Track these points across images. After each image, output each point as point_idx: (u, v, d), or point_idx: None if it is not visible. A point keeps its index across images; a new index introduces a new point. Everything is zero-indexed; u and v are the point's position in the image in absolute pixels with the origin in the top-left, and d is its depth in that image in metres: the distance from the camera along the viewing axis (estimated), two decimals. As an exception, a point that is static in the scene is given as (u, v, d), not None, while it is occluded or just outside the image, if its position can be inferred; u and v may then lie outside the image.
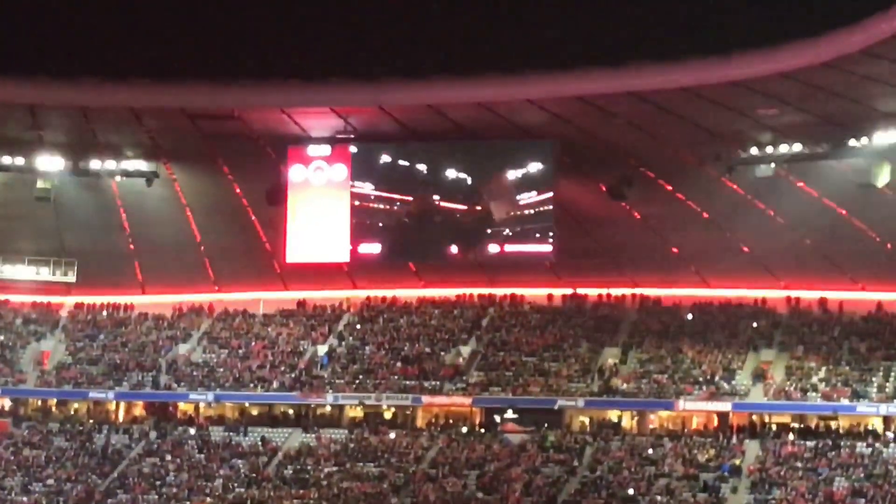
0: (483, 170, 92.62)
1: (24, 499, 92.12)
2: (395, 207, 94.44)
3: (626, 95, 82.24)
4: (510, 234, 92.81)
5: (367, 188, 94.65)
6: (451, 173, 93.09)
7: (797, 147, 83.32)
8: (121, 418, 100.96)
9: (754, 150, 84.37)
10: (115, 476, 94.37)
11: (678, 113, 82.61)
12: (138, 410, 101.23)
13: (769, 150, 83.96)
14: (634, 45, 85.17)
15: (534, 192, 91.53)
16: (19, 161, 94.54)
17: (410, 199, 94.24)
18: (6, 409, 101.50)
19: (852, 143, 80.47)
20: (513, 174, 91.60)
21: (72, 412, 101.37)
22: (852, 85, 76.07)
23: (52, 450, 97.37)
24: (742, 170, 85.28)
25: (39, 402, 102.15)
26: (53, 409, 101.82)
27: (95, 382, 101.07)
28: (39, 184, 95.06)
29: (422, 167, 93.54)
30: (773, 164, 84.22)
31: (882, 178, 79.95)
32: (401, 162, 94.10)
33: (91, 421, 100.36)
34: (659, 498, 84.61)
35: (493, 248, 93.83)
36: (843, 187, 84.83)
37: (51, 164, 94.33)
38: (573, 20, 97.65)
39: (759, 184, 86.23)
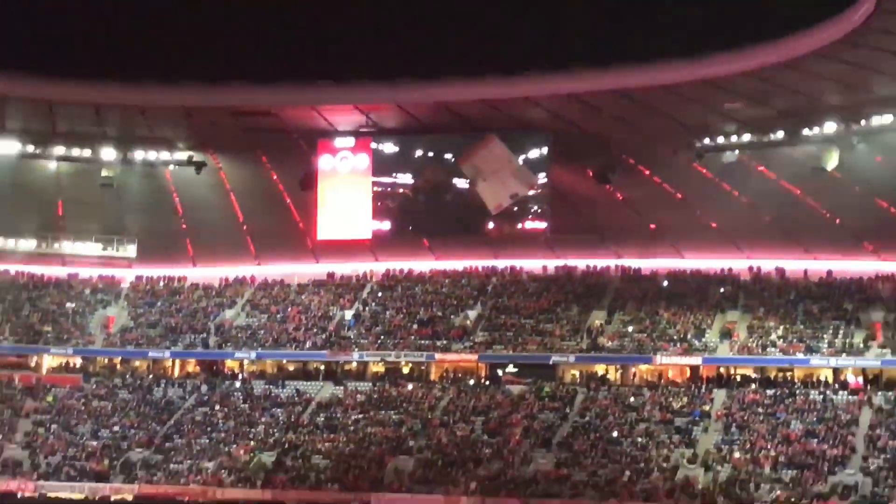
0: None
1: (94, 443, 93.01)
2: (408, 191, 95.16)
3: (610, 93, 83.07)
4: (512, 213, 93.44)
5: (384, 174, 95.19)
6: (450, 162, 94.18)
7: (758, 136, 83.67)
8: (176, 374, 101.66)
9: (721, 139, 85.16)
10: (171, 423, 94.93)
11: (655, 107, 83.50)
12: (191, 367, 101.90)
13: (734, 138, 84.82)
14: (619, 48, 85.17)
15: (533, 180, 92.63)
16: (86, 153, 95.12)
17: (421, 183, 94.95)
18: (77, 366, 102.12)
19: (805, 132, 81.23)
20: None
21: (133, 369, 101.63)
22: (806, 82, 76.70)
23: (117, 401, 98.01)
24: (710, 156, 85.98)
25: (106, 361, 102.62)
26: (118, 366, 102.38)
27: (154, 343, 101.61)
28: (103, 172, 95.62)
29: (431, 154, 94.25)
30: (737, 151, 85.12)
31: (831, 163, 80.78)
32: (415, 152, 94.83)
33: (150, 376, 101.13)
34: (640, 440, 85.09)
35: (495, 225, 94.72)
36: (798, 170, 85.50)
37: (112, 155, 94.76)
38: (565, 26, 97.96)
39: (725, 168, 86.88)
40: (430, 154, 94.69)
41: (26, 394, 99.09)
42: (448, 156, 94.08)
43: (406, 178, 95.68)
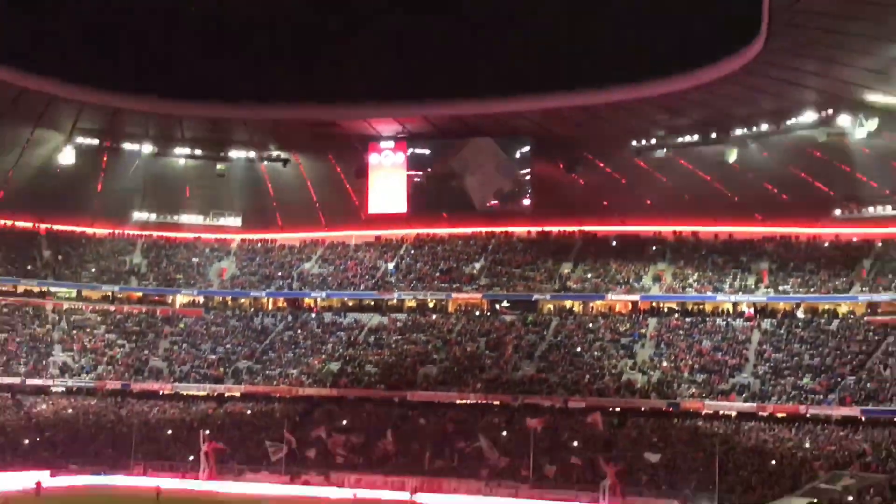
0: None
1: (212, 356, 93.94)
2: (431, 179, 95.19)
3: (575, 108, 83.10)
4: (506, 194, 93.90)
5: (414, 167, 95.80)
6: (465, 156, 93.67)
7: (681, 138, 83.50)
8: (269, 308, 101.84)
9: (654, 141, 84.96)
10: (266, 343, 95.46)
11: (607, 118, 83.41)
12: (280, 303, 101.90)
13: (663, 140, 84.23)
14: (581, 76, 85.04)
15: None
16: (208, 152, 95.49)
17: (432, 174, 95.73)
18: (200, 303, 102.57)
19: (714, 135, 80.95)
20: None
21: (239, 304, 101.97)
22: (714, 99, 76.32)
23: (228, 327, 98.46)
24: (647, 153, 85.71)
25: (220, 299, 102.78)
26: (229, 302, 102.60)
27: (254, 286, 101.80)
28: (218, 166, 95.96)
29: (440, 153, 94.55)
30: (665, 149, 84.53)
31: (732, 157, 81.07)
32: (432, 150, 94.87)
33: (252, 310, 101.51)
34: (596, 353, 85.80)
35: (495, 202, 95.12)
36: (708, 163, 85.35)
37: (223, 154, 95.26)
38: (544, 59, 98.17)
39: (657, 162, 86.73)
40: (440, 152, 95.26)
41: (165, 322, 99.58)
42: (458, 152, 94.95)
43: (426, 170, 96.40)
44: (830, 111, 72.30)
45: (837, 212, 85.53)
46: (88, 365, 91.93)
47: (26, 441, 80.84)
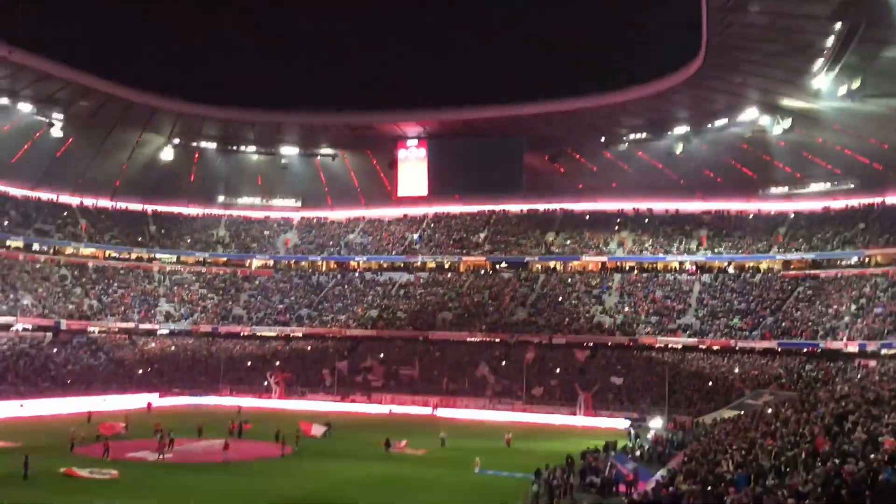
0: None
1: (280, 306, 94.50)
2: (446, 168, 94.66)
3: (557, 113, 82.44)
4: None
5: (433, 159, 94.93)
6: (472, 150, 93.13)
7: (638, 135, 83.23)
8: (323, 269, 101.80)
9: (618, 136, 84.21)
10: (321, 295, 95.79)
11: (581, 119, 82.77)
12: (331, 265, 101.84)
13: (624, 136, 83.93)
14: (563, 87, 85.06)
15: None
16: (270, 149, 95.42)
17: (454, 164, 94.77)
18: (270, 265, 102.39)
19: (665, 133, 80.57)
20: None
21: (300, 267, 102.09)
22: (664, 105, 75.86)
23: (292, 284, 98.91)
24: (612, 146, 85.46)
25: (285, 262, 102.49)
26: (292, 265, 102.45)
27: (311, 252, 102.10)
28: (282, 161, 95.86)
29: (458, 147, 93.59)
30: (626, 143, 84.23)
31: (679, 149, 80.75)
32: (451, 146, 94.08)
33: (310, 270, 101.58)
34: (573, 302, 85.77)
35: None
36: (660, 153, 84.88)
37: (286, 150, 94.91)
38: (535, 72, 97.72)
39: (620, 153, 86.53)
40: (454, 147, 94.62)
41: (243, 280, 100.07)
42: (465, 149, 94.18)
43: (443, 161, 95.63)
44: (755, 113, 72.38)
45: (760, 191, 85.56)
46: (186, 313, 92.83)
47: (140, 371, 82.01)
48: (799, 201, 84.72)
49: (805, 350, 71.46)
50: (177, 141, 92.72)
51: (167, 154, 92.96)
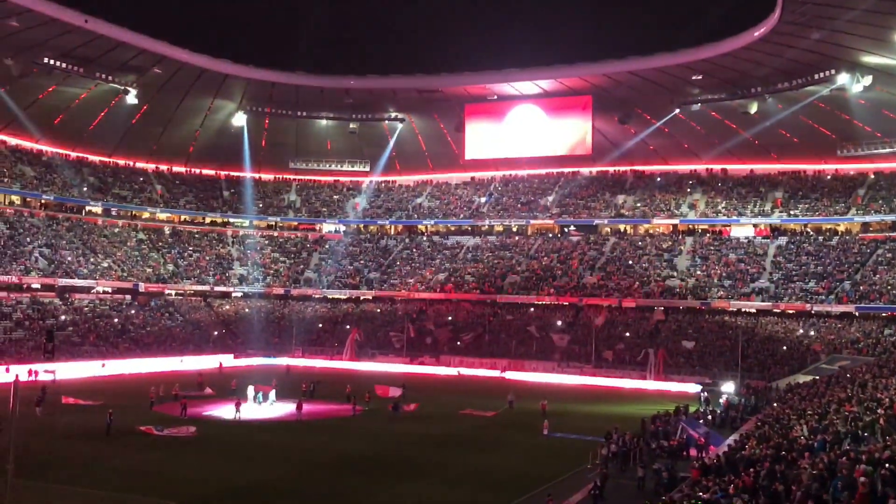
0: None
1: (350, 268, 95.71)
2: (514, 130, 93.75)
3: (625, 73, 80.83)
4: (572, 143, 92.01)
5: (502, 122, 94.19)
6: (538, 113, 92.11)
7: (711, 95, 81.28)
8: (392, 233, 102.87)
9: (690, 98, 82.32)
10: (390, 259, 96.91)
11: (651, 80, 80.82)
12: (400, 229, 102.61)
13: (697, 97, 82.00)
14: (627, 49, 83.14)
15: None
16: (339, 114, 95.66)
17: (521, 126, 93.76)
18: (341, 229, 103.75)
19: (738, 92, 78.39)
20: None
21: (370, 231, 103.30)
22: (738, 64, 74.01)
23: (361, 247, 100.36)
24: (684, 107, 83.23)
25: (355, 226, 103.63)
26: (361, 228, 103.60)
27: (380, 216, 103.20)
28: (351, 126, 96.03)
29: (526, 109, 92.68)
30: (699, 104, 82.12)
31: (753, 109, 78.47)
32: (518, 108, 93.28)
33: (379, 234, 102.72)
34: (644, 265, 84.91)
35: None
36: (734, 114, 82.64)
37: (354, 115, 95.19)
38: (598, 32, 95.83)
39: (692, 114, 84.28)
40: (521, 110, 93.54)
41: (314, 243, 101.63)
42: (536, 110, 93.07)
43: (510, 124, 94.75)
44: (833, 71, 70.01)
45: (838, 151, 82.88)
46: (259, 276, 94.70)
47: (215, 333, 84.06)
48: (879, 161, 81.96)
49: (884, 315, 69.51)
50: (248, 106, 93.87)
51: (239, 120, 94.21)
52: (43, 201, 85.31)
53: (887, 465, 17.92)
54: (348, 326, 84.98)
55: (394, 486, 30.61)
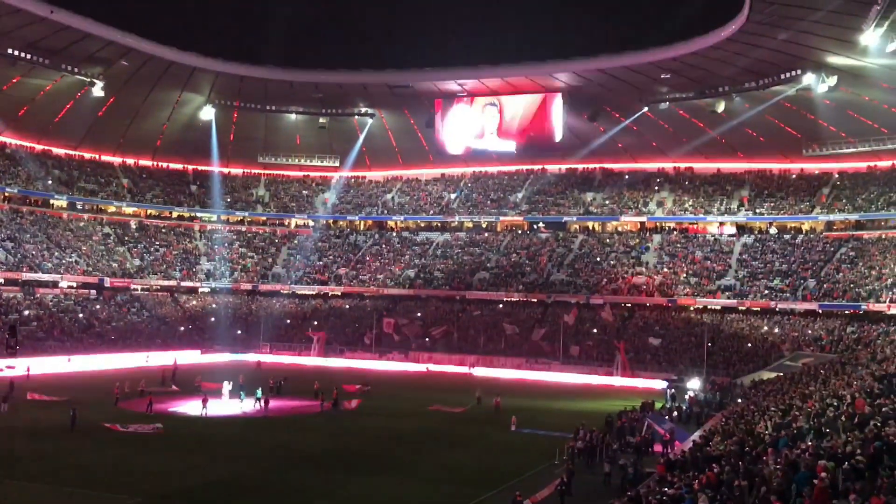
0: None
1: (319, 264, 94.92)
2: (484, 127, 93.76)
3: (595, 71, 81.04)
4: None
5: (469, 119, 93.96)
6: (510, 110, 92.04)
7: (679, 94, 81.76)
8: (361, 228, 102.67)
9: (658, 96, 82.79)
10: (359, 255, 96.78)
11: (620, 79, 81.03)
12: (369, 224, 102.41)
13: (665, 95, 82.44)
14: (601, 44, 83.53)
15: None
16: (311, 109, 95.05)
17: (492, 122, 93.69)
18: (309, 225, 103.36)
19: (705, 91, 79.00)
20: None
21: (339, 226, 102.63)
22: (706, 63, 74.53)
23: (330, 243, 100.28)
24: (653, 105, 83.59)
25: (324, 221, 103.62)
26: (330, 224, 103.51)
27: (349, 212, 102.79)
28: (321, 121, 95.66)
29: (497, 106, 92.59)
30: (667, 103, 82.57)
31: (720, 108, 78.91)
32: (489, 105, 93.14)
33: (348, 229, 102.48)
34: (612, 262, 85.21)
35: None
36: (701, 113, 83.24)
37: (324, 110, 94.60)
38: (569, 31, 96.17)
39: (660, 112, 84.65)
40: (492, 106, 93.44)
41: (283, 239, 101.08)
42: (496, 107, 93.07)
43: (480, 120, 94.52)
44: (799, 71, 70.76)
45: (804, 150, 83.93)
46: (227, 271, 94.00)
47: (181, 328, 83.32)
48: (843, 161, 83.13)
49: (847, 312, 70.57)
50: (216, 100, 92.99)
51: (207, 113, 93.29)
52: (6, 194, 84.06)
53: (848, 460, 18.20)
54: (316, 322, 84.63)
55: (362, 482, 30.57)
